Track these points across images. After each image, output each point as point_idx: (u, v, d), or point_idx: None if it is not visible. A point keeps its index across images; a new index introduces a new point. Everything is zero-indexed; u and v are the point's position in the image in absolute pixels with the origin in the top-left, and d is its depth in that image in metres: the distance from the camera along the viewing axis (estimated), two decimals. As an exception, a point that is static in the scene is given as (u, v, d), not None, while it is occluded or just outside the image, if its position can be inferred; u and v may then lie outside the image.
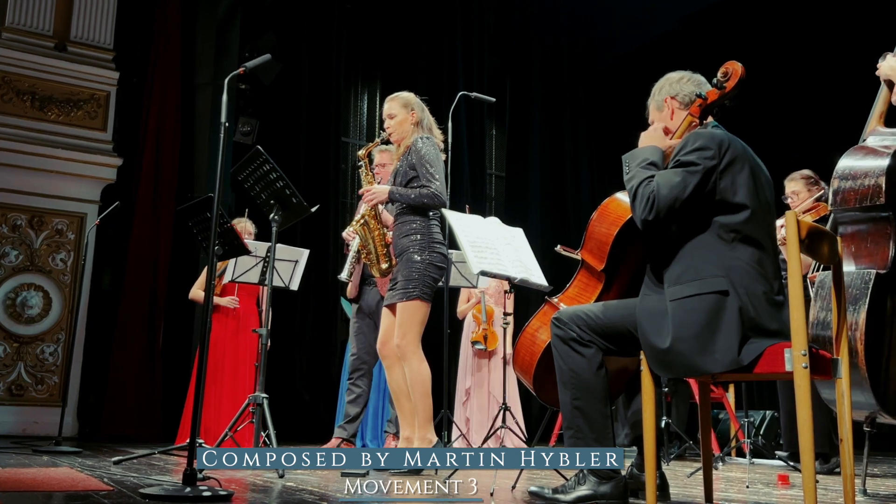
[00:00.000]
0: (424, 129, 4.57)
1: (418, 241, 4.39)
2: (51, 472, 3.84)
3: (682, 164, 2.63)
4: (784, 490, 3.79)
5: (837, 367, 2.53)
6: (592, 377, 2.77)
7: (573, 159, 11.03)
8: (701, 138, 2.66)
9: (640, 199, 2.63)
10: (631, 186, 2.70)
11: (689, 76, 2.92)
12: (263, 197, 4.66)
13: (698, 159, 2.61)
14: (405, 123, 4.57)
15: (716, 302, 2.53)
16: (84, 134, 7.79)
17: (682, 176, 2.60)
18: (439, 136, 4.63)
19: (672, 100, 2.89)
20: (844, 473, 2.50)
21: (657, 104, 2.93)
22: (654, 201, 2.59)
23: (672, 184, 2.60)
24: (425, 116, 4.62)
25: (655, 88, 2.97)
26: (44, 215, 7.60)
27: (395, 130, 4.57)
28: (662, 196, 2.59)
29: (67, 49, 7.84)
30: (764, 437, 6.71)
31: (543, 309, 3.15)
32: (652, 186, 2.62)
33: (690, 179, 2.59)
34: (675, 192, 2.59)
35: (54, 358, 7.41)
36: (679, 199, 2.58)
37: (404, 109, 4.57)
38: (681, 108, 2.87)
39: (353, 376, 5.44)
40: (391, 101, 4.63)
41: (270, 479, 3.70)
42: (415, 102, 4.61)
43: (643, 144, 2.86)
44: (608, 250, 2.95)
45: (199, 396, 3.10)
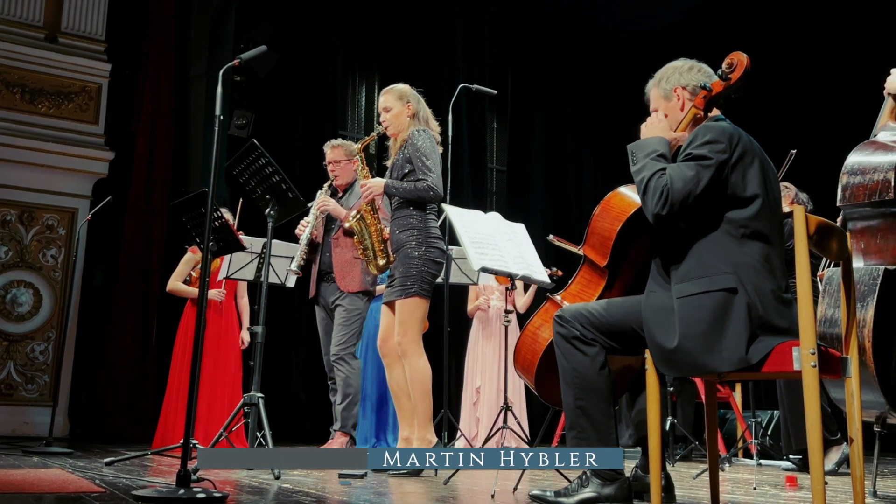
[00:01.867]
0: (421, 121, 4.59)
1: (415, 235, 4.39)
2: (41, 473, 3.84)
3: (694, 157, 2.61)
4: (792, 492, 3.79)
5: (847, 365, 2.52)
6: (596, 376, 2.76)
7: (575, 152, 11.03)
8: (711, 131, 2.64)
9: (653, 193, 2.61)
10: (642, 178, 2.67)
11: (698, 66, 2.90)
12: (259, 192, 4.66)
13: (710, 153, 2.60)
14: (401, 116, 4.58)
15: (724, 300, 2.52)
16: (75, 127, 7.78)
17: (695, 170, 2.59)
18: (436, 128, 4.64)
19: (683, 90, 2.86)
20: (854, 475, 2.50)
21: (664, 93, 2.90)
22: (667, 195, 2.57)
23: (686, 177, 2.58)
24: (421, 108, 4.63)
25: (661, 76, 2.93)
26: (34, 210, 7.60)
27: (392, 124, 4.59)
28: (676, 189, 2.57)
29: (58, 40, 7.84)
30: (771, 437, 6.70)
31: (545, 306, 3.14)
32: (665, 179, 2.60)
33: (704, 173, 2.58)
34: (689, 187, 2.57)
35: (45, 356, 7.41)
36: (693, 193, 2.57)
37: (400, 102, 4.59)
38: (690, 100, 2.85)
39: (331, 376, 5.49)
40: (386, 94, 4.64)
41: (266, 481, 3.70)
42: (410, 94, 4.62)
43: (647, 136, 2.84)
44: (611, 246, 2.94)
45: (193, 396, 3.10)
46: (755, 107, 7.93)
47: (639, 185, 2.69)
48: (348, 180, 5.60)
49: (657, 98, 2.93)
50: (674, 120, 2.88)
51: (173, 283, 6.13)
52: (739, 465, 5.84)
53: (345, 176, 5.59)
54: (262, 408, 4.31)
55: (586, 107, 11.14)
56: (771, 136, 6.67)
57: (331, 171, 5.60)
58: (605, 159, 10.76)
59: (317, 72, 9.26)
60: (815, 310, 2.50)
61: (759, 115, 7.99)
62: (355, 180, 5.50)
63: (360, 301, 5.38)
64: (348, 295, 5.36)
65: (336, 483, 3.71)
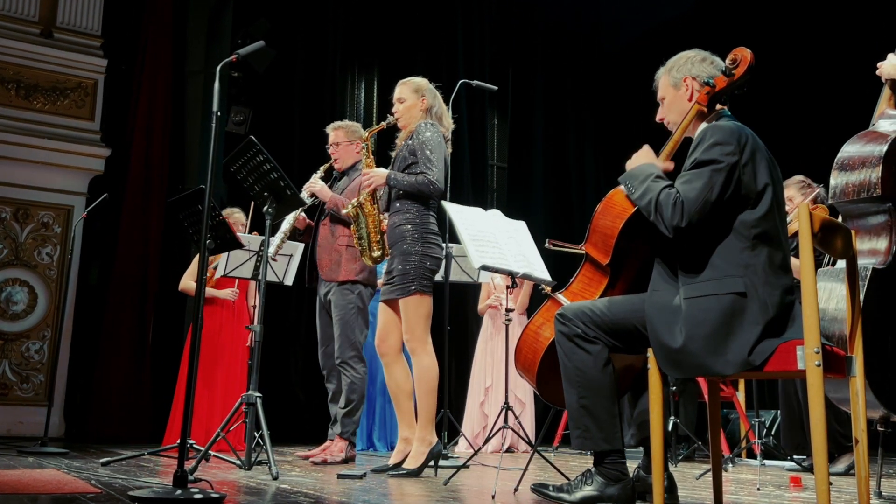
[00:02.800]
0: (434, 117, 4.56)
1: (412, 231, 4.37)
2: (36, 473, 3.84)
3: (703, 162, 2.60)
4: (796, 492, 3.79)
5: (851, 364, 2.52)
6: (599, 375, 2.76)
7: (577, 149, 11.02)
8: (717, 133, 2.63)
9: (666, 206, 2.59)
10: (649, 199, 2.65)
11: (711, 58, 2.88)
12: (257, 189, 4.66)
13: (720, 156, 2.58)
14: (414, 109, 4.55)
15: (733, 303, 2.52)
16: (71, 123, 7.78)
17: (707, 176, 2.57)
18: (449, 125, 4.61)
19: (693, 80, 2.85)
20: (859, 475, 2.50)
21: (674, 81, 2.88)
22: (682, 205, 2.56)
23: (698, 186, 2.57)
24: (437, 104, 4.60)
25: (672, 64, 2.92)
26: (29, 208, 7.60)
27: (403, 115, 4.56)
28: (691, 199, 2.55)
29: (54, 35, 7.83)
30: (775, 437, 6.70)
31: (546, 305, 3.14)
32: (674, 193, 2.59)
33: (716, 178, 2.56)
34: (704, 194, 2.56)
35: (40, 355, 7.41)
36: (709, 200, 2.55)
37: (415, 95, 4.56)
38: (699, 91, 2.83)
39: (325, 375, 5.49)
40: (402, 85, 4.62)
41: (264, 482, 3.70)
42: (426, 89, 4.60)
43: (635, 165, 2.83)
44: (613, 244, 2.93)
45: (190, 396, 3.10)
46: (759, 102, 7.92)
47: (646, 208, 2.67)
48: (349, 163, 5.54)
49: (666, 86, 2.92)
50: (680, 110, 2.87)
51: (185, 283, 6.27)
52: (743, 465, 5.84)
53: (345, 158, 5.53)
54: (261, 408, 4.31)
55: (588, 102, 11.12)
56: (776, 131, 6.68)
57: (332, 153, 5.55)
58: (608, 156, 10.74)
59: (315, 68, 9.25)
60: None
61: (763, 110, 7.99)
62: (355, 164, 5.49)
63: (350, 293, 5.26)
64: (337, 288, 5.27)
65: (335, 483, 3.71)
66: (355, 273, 5.27)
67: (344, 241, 5.26)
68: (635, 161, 2.86)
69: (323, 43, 9.33)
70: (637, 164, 2.84)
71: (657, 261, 2.76)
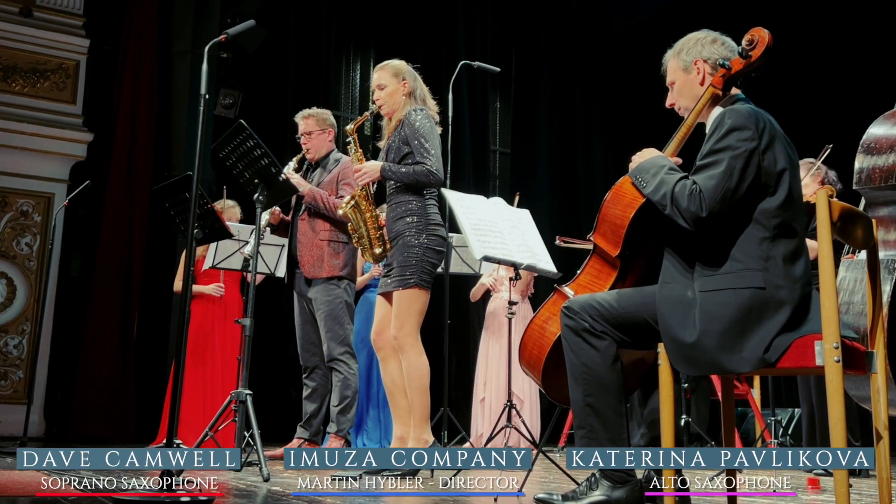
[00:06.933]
0: (417, 100, 4.54)
1: (414, 223, 4.36)
2: (15, 475, 3.84)
3: (721, 149, 2.58)
4: (814, 495, 3.80)
5: (872, 360, 2.52)
6: (606, 371, 2.75)
7: (584, 134, 10.97)
8: (733, 117, 2.61)
9: (682, 197, 2.57)
10: (664, 193, 2.63)
11: (721, 38, 2.86)
12: (247, 175, 4.65)
13: (737, 142, 2.57)
14: (396, 94, 4.53)
15: (751, 298, 2.51)
16: (51, 107, 7.77)
17: (725, 163, 2.55)
18: (434, 107, 4.60)
19: (704, 63, 2.83)
20: (880, 477, 2.50)
21: (684, 64, 2.86)
22: (700, 195, 2.54)
23: (717, 174, 2.55)
24: (418, 86, 4.59)
25: (681, 46, 2.89)
26: (7, 195, 7.59)
27: (386, 102, 4.54)
28: (710, 188, 2.54)
29: (33, 14, 7.81)
30: (792, 437, 6.71)
31: (553, 298, 3.12)
32: (690, 184, 2.58)
33: (735, 164, 2.54)
34: (724, 182, 2.54)
35: (19, 351, 7.42)
36: (729, 189, 2.53)
37: (395, 79, 4.54)
38: (711, 74, 2.81)
39: (306, 370, 5.53)
40: (380, 71, 4.60)
41: (255, 483, 3.71)
42: (406, 71, 4.58)
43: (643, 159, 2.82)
44: (623, 234, 2.91)
45: (177, 394, 3.10)
46: (777, 83, 7.90)
47: (661, 202, 2.65)
48: (322, 153, 5.58)
49: (675, 70, 2.90)
50: (691, 95, 2.85)
51: (179, 284, 6.24)
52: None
53: (317, 149, 5.57)
54: (251, 405, 4.31)
55: (596, 85, 11.07)
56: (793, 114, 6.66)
57: (303, 143, 5.58)
58: (617, 141, 10.72)
59: (308, 48, 9.22)
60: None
61: (780, 92, 7.96)
62: (328, 154, 5.55)
63: (336, 288, 5.31)
64: (322, 285, 5.32)
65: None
66: (339, 269, 5.34)
67: (325, 235, 5.30)
68: (643, 155, 2.85)
69: (317, 21, 9.29)
70: (646, 157, 2.82)
71: (668, 251, 2.74)
